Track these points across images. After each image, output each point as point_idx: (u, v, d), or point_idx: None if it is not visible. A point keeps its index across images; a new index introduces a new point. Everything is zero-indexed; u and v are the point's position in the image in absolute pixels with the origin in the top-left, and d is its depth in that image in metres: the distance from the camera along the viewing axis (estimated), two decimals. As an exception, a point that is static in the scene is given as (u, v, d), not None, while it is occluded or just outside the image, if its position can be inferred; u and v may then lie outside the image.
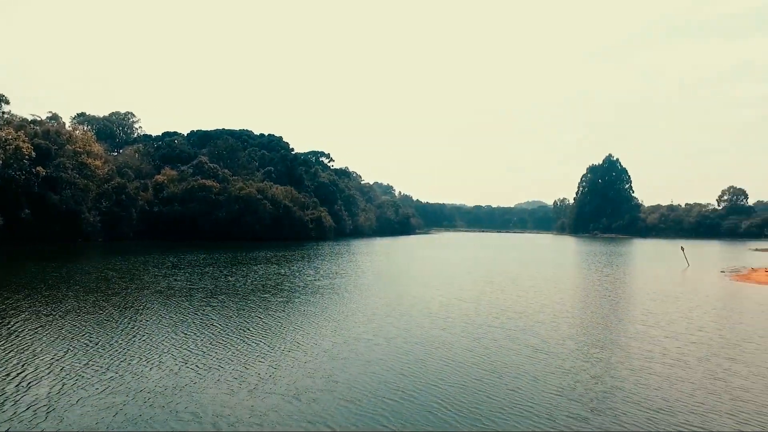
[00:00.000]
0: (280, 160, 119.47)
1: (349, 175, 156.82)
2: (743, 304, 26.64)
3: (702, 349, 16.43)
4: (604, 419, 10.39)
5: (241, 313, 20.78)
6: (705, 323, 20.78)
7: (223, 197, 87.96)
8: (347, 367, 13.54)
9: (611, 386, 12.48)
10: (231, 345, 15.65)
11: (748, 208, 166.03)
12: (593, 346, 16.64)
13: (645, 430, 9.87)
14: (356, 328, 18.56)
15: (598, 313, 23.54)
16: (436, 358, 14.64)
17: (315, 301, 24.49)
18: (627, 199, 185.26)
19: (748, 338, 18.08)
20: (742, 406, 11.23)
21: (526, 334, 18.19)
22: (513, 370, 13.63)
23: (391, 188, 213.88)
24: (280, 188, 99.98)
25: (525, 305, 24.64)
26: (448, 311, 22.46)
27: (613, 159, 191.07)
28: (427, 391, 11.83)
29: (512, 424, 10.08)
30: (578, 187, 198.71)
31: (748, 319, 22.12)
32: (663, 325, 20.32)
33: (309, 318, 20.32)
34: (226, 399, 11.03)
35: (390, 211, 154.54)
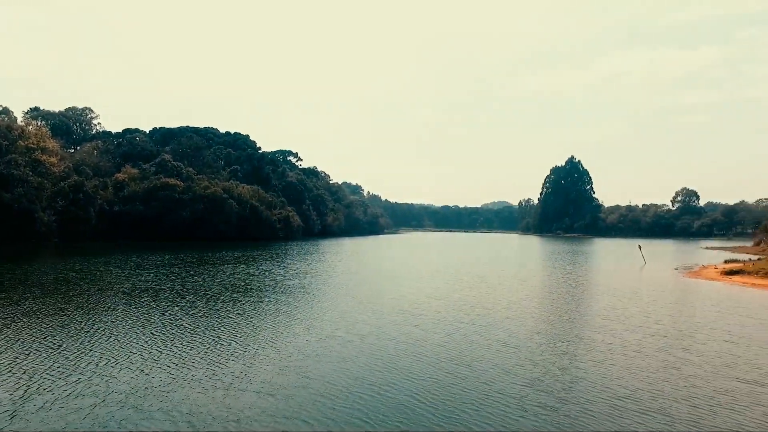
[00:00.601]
0: (246, 158, 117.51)
1: (318, 174, 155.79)
2: (695, 299, 28.17)
3: (659, 340, 17.33)
4: (571, 407, 10.87)
5: (211, 313, 20.47)
6: (661, 317, 21.88)
7: (188, 196, 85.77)
8: (322, 365, 13.61)
9: (577, 377, 13.04)
10: (202, 345, 15.43)
11: (699, 209, 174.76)
12: (559, 340, 17.29)
13: (610, 416, 10.40)
14: (329, 326, 18.61)
15: (563, 308, 24.43)
16: (410, 354, 14.89)
17: (286, 301, 24.36)
18: (588, 199, 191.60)
19: (699, 330, 19.18)
20: (696, 392, 11.97)
21: (495, 329, 18.71)
22: (484, 364, 14.02)
23: (360, 188, 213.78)
24: (247, 187, 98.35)
25: (493, 302, 25.27)
26: (419, 308, 22.79)
27: (575, 161, 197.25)
28: (401, 386, 12.05)
29: (485, 414, 10.42)
30: (542, 187, 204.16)
31: (699, 312, 23.43)
32: (623, 319, 21.28)
33: (281, 317, 20.22)
34: (200, 398, 10.92)
35: (359, 211, 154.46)
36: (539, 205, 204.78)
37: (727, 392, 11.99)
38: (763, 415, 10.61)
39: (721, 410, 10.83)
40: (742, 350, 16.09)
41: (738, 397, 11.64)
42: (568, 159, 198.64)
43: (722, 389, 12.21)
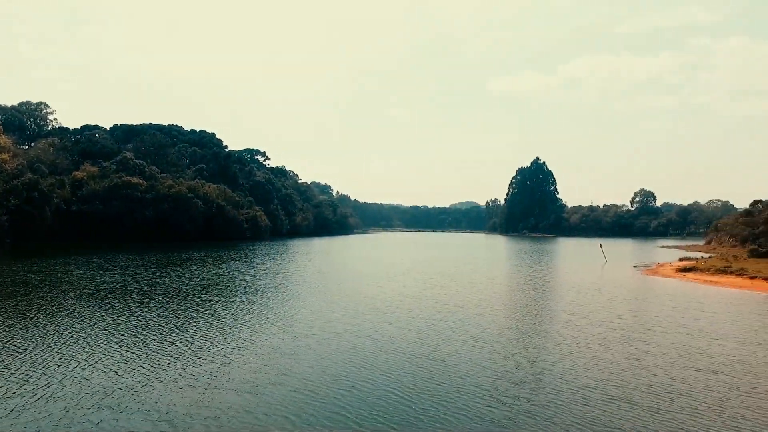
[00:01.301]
0: (212, 157, 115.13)
1: (286, 174, 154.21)
2: (652, 295, 29.61)
3: (621, 334, 18.21)
4: (541, 397, 11.38)
5: (182, 314, 20.15)
6: (622, 312, 22.95)
7: (151, 195, 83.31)
8: (299, 363, 13.70)
9: (546, 369, 13.62)
10: (176, 345, 15.23)
11: (656, 209, 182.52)
12: (528, 335, 17.93)
13: (577, 404, 10.95)
14: (304, 325, 18.66)
15: (531, 304, 25.27)
16: (385, 351, 15.15)
17: (258, 300, 24.20)
18: (553, 200, 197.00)
19: (656, 324, 20.24)
20: (655, 380, 12.71)
21: (467, 325, 19.21)
22: (458, 359, 14.44)
23: (329, 188, 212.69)
24: (213, 187, 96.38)
25: (464, 299, 25.85)
26: (392, 307, 23.09)
27: (540, 162, 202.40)
28: (378, 382, 12.30)
29: (460, 406, 10.78)
30: (508, 188, 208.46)
31: (656, 307, 24.68)
32: (587, 314, 22.21)
33: (254, 317, 20.11)
34: (178, 397, 10.84)
35: (328, 210, 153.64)
36: (506, 205, 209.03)
37: (683, 380, 12.79)
38: (716, 400, 11.40)
39: (678, 397, 11.57)
40: (696, 342, 17.12)
41: (693, 385, 12.45)
42: (534, 160, 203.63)
43: (679, 377, 13.01)
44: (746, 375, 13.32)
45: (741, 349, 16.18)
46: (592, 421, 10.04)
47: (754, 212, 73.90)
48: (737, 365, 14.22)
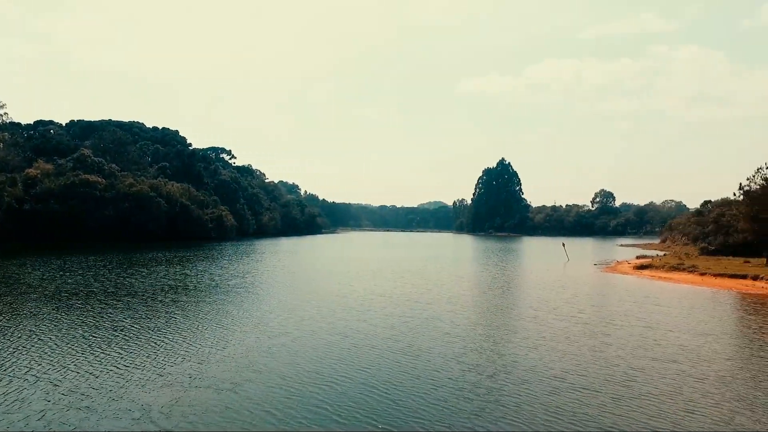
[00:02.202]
0: (176, 155, 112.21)
1: (253, 173, 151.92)
2: (612, 291, 31.03)
3: (583, 328, 19.12)
4: (512, 387, 11.95)
5: (153, 314, 19.81)
6: (584, 307, 24.01)
7: (110, 194, 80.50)
8: (276, 360, 13.82)
9: (515, 361, 14.23)
10: (148, 345, 15.05)
11: (615, 209, 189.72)
12: (497, 329, 18.60)
13: (545, 393, 11.55)
14: (278, 323, 18.71)
15: (498, 301, 26.09)
16: (360, 347, 15.45)
17: (230, 300, 24.01)
18: (518, 200, 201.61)
19: (616, 318, 21.32)
20: (616, 370, 13.51)
21: (438, 321, 19.72)
22: (431, 353, 14.88)
23: (297, 187, 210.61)
24: (177, 185, 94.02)
25: (434, 297, 26.41)
26: (365, 305, 23.38)
27: (506, 162, 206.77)
28: (355, 376, 12.60)
29: (437, 397, 11.20)
30: (475, 188, 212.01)
31: (615, 302, 25.94)
32: (552, 309, 23.14)
33: (227, 316, 19.99)
34: (157, 396, 10.81)
35: (296, 210, 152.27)
36: (472, 205, 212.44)
37: (641, 369, 13.64)
38: (672, 388, 12.24)
39: (637, 384, 12.36)
40: (653, 334, 18.17)
41: (650, 373, 13.30)
42: (499, 161, 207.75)
43: (637, 367, 13.86)
44: (697, 363, 14.31)
45: (692, 339, 17.30)
46: (558, 409, 10.64)
47: (704, 212, 78.10)
48: (689, 354, 15.24)
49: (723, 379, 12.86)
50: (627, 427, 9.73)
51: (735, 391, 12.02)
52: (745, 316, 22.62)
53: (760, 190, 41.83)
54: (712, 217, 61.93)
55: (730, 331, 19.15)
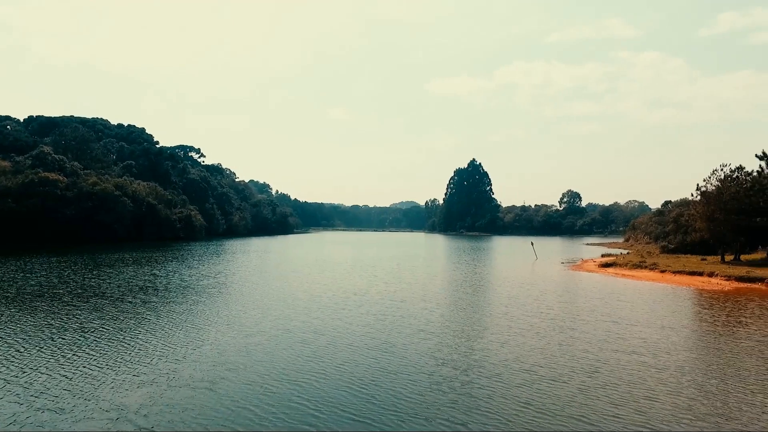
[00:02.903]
0: (142, 153, 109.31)
1: (222, 171, 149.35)
2: (578, 288, 32.10)
3: (551, 323, 19.79)
4: (484, 381, 12.36)
5: (123, 315, 19.41)
6: (552, 304, 24.79)
7: (72, 193, 77.68)
8: (252, 358, 13.84)
9: (486, 356, 14.67)
10: (121, 346, 14.82)
11: (582, 209, 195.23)
12: (469, 326, 19.06)
13: (516, 385, 11.99)
14: (252, 323, 18.65)
15: (470, 298, 26.64)
16: (336, 344, 15.62)
17: (202, 300, 23.71)
18: (488, 200, 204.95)
19: (582, 313, 22.14)
20: (582, 362, 14.10)
21: (412, 318, 20.05)
22: (407, 350, 15.18)
23: (268, 187, 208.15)
24: (143, 184, 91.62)
25: (408, 295, 26.76)
26: (340, 303, 23.51)
27: (477, 163, 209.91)
28: (333, 373, 12.77)
29: (414, 392, 11.49)
30: (447, 188, 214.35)
31: (582, 299, 26.88)
32: (521, 306, 23.81)
33: (200, 316, 19.79)
34: (133, 397, 10.72)
35: (267, 210, 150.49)
36: (444, 205, 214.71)
37: (606, 361, 14.28)
38: (634, 377, 12.88)
39: (602, 375, 12.95)
40: (617, 328, 18.98)
41: (614, 364, 13.94)
42: (470, 161, 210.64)
43: (602, 359, 14.50)
44: (658, 354, 15.08)
45: (653, 333, 18.17)
46: (529, 399, 11.08)
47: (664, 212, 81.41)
48: (650, 347, 16.02)
49: (681, 369, 13.61)
50: (593, 414, 10.23)
51: (693, 379, 12.75)
52: (701, 310, 23.84)
53: (715, 191, 43.97)
54: (672, 216, 64.58)
55: (687, 324, 20.19)
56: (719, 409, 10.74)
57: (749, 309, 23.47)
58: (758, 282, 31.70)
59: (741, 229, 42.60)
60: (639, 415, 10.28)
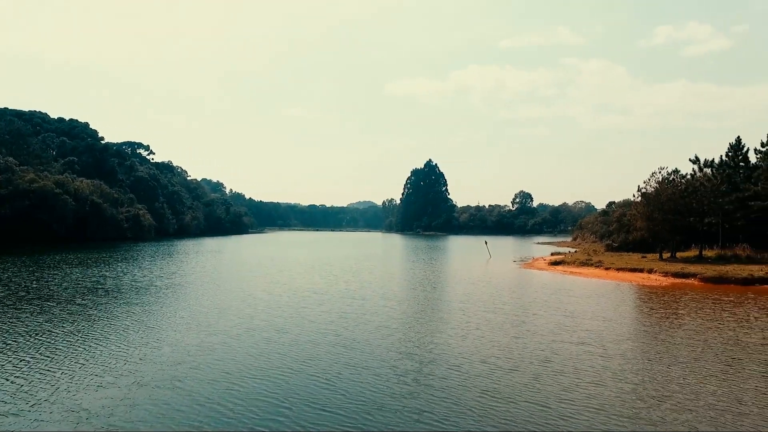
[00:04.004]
0: (85, 149, 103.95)
1: (173, 169, 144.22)
2: (529, 285, 33.55)
3: (505, 318, 20.70)
4: (444, 371, 12.94)
5: (75, 317, 18.70)
6: (506, 300, 25.86)
7: (7, 191, 72.81)
8: (217, 357, 13.80)
9: (446, 350, 15.26)
10: (78, 349, 14.38)
11: (533, 209, 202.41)
12: (428, 322, 19.66)
13: (474, 375, 12.61)
14: (214, 322, 18.47)
15: (428, 296, 27.35)
16: (301, 342, 15.78)
17: (158, 301, 23.12)
18: (444, 200, 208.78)
19: (534, 308, 23.24)
20: (536, 353, 14.94)
21: (373, 316, 20.44)
22: (370, 345, 15.57)
23: (222, 185, 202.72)
24: (86, 182, 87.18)
25: (368, 293, 27.11)
26: (301, 302, 23.58)
27: (433, 163, 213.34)
28: (299, 369, 12.95)
29: (378, 386, 11.86)
30: (404, 188, 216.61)
31: (532, 294, 28.18)
32: (477, 302, 24.69)
33: (159, 317, 19.37)
34: (97, 398, 10.54)
35: (220, 209, 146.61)
36: (401, 205, 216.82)
37: (556, 351, 15.19)
38: (583, 365, 13.80)
39: (553, 364, 13.80)
40: (566, 321, 20.11)
41: (565, 354, 14.86)
42: (427, 162, 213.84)
43: (554, 349, 15.41)
44: (603, 344, 16.18)
45: (599, 325, 19.40)
46: (486, 388, 11.71)
47: (609, 212, 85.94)
48: (597, 337, 17.14)
49: (625, 356, 14.70)
50: (546, 399, 10.95)
51: (635, 365, 13.82)
52: (642, 304, 25.59)
53: (653, 193, 47.01)
54: (615, 216, 68.33)
55: (630, 317, 21.66)
56: (659, 391, 11.73)
57: (683, 302, 25.42)
58: (691, 278, 34.26)
59: (677, 229, 45.77)
60: (588, 399, 11.09)
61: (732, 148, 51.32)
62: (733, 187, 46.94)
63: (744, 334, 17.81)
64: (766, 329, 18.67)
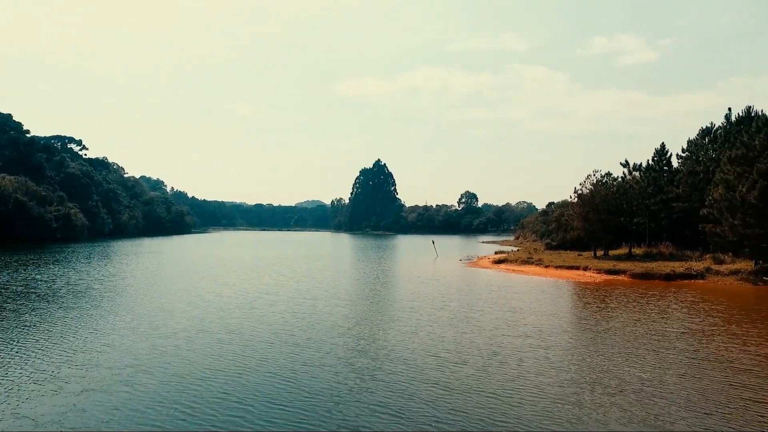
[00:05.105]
0: (9, 143, 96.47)
1: (109, 166, 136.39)
2: (475, 283, 34.90)
3: (453, 314, 21.57)
4: (397, 366, 13.45)
5: (7, 323, 17.60)
6: (453, 297, 26.84)
7: None
8: (169, 360, 13.59)
9: (398, 345, 15.80)
10: (15, 355, 13.65)
11: (478, 209, 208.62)
12: (381, 320, 20.18)
13: (423, 368, 13.19)
14: (163, 325, 18.02)
15: (378, 294, 27.89)
16: (255, 342, 15.78)
17: (99, 305, 22.20)
18: (393, 199, 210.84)
19: (479, 305, 24.32)
20: (483, 347, 15.78)
21: (325, 314, 20.69)
22: (323, 344, 15.81)
23: (162, 183, 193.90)
24: (9, 178, 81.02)
25: (319, 293, 27.24)
26: (252, 303, 23.38)
27: (382, 163, 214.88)
28: (257, 368, 13.02)
29: (334, 382, 12.17)
30: (353, 188, 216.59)
31: (477, 292, 29.40)
32: (425, 300, 25.49)
33: (101, 321, 18.65)
34: (42, 404, 10.15)
35: (161, 208, 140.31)
36: (350, 204, 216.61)
37: (503, 345, 16.12)
38: (527, 356, 14.77)
39: (500, 356, 14.68)
40: (508, 316, 21.24)
41: (510, 347, 15.81)
42: (376, 161, 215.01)
43: (499, 343, 16.33)
44: (543, 336, 17.32)
45: (540, 319, 20.66)
46: (437, 381, 12.33)
47: (548, 212, 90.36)
48: (536, 331, 18.30)
49: (563, 347, 15.85)
50: (494, 389, 11.70)
51: (573, 355, 14.94)
52: (578, 299, 27.41)
53: (588, 194, 50.14)
54: (554, 216, 72.04)
55: (567, 311, 23.20)
56: (596, 377, 12.81)
57: (614, 297, 27.47)
58: (621, 274, 36.97)
59: (609, 228, 49.08)
60: (532, 387, 11.95)
61: (657, 153, 55.60)
62: (658, 190, 50.88)
63: (665, 324, 19.62)
64: (684, 320, 20.66)
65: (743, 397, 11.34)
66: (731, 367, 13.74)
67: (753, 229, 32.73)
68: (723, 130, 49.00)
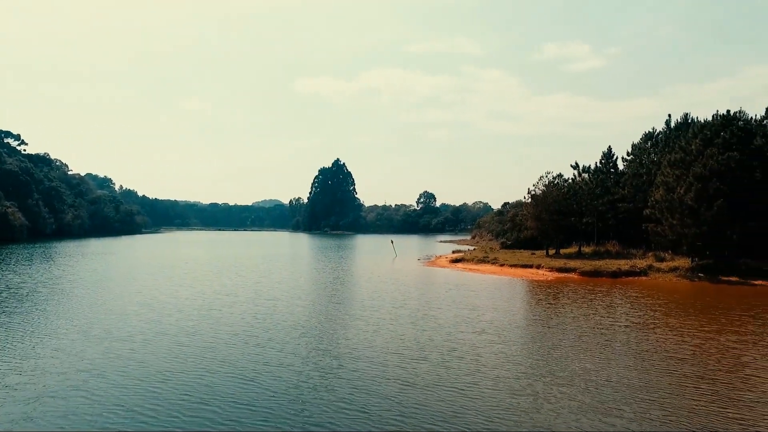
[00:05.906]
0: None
1: (51, 163, 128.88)
2: (433, 281, 35.64)
3: (412, 312, 22.01)
4: (361, 364, 13.71)
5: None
6: (412, 296, 27.35)
7: None
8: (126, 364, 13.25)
9: (360, 343, 16.05)
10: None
11: (436, 209, 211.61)
12: (342, 319, 20.36)
13: (384, 365, 13.49)
14: (116, 329, 17.45)
15: (338, 294, 28.03)
16: (216, 343, 15.59)
17: (46, 308, 21.23)
18: (352, 199, 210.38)
19: (438, 303, 24.93)
20: (442, 342, 16.28)
21: (286, 315, 20.67)
22: (285, 344, 15.84)
23: (110, 181, 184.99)
24: (-58, 175, 75.21)
25: (278, 294, 27.05)
26: (211, 305, 22.97)
27: (341, 163, 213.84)
28: (218, 370, 12.91)
29: (298, 382, 12.27)
30: (311, 187, 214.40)
31: (435, 290, 30.08)
32: (385, 299, 25.86)
33: (49, 325, 17.89)
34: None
35: (108, 207, 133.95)
36: (308, 204, 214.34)
37: (459, 340, 16.68)
38: (484, 351, 15.36)
39: (458, 351, 15.21)
40: (466, 313, 21.91)
41: (467, 342, 16.39)
42: (335, 161, 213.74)
43: (457, 339, 16.88)
44: (499, 332, 18.04)
45: (496, 316, 21.45)
46: (398, 377, 12.68)
47: (503, 212, 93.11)
48: (494, 326, 19.02)
49: (518, 342, 16.60)
50: (453, 382, 12.16)
51: (526, 349, 15.68)
52: (531, 296, 28.56)
53: (541, 195, 52.15)
54: (509, 216, 74.28)
55: (521, 307, 24.17)
56: (549, 369, 13.52)
57: (565, 293, 28.83)
58: (572, 272, 38.74)
59: (561, 227, 51.22)
60: (489, 380, 12.50)
61: (604, 156, 58.53)
62: (605, 191, 53.54)
63: (611, 319, 20.85)
64: (628, 314, 22.01)
65: (681, 385, 12.33)
66: (670, 357, 14.85)
67: (690, 229, 35.13)
68: (664, 135, 52.25)
